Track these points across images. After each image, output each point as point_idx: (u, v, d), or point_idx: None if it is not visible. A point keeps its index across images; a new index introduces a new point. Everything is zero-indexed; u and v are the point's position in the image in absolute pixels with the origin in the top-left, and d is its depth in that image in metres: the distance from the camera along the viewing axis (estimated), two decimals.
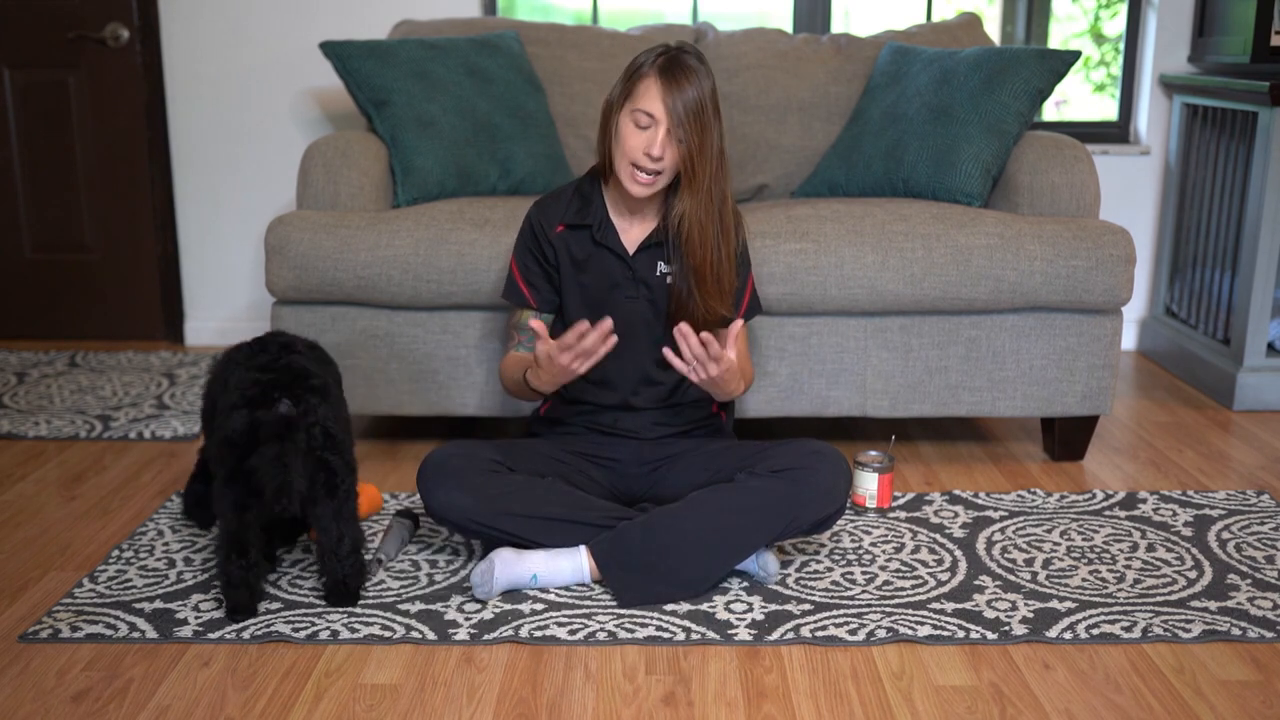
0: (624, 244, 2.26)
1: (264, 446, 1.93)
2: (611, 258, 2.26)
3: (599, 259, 2.27)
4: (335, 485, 2.02)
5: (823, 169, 3.11)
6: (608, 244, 2.26)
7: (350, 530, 2.06)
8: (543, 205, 2.32)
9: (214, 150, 3.84)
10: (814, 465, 2.15)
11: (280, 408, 1.95)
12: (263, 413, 1.95)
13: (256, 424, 1.94)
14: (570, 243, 2.28)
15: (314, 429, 1.99)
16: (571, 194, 2.31)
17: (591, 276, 2.28)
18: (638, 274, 2.26)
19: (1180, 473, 2.78)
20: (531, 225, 2.31)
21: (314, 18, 3.73)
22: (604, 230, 2.26)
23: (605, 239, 2.26)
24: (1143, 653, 1.96)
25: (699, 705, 1.81)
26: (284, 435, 1.94)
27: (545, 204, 2.32)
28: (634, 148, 2.11)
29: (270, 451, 1.93)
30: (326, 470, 2.01)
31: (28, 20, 3.71)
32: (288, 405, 1.96)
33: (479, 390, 2.75)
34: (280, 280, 2.67)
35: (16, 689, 1.85)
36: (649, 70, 2.11)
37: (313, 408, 1.99)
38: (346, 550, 2.06)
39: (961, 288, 2.63)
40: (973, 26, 3.37)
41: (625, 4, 4.04)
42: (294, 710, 1.79)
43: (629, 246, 2.26)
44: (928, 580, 2.20)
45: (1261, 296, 3.21)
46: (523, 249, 2.33)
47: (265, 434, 1.94)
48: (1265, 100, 3.11)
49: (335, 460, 2.01)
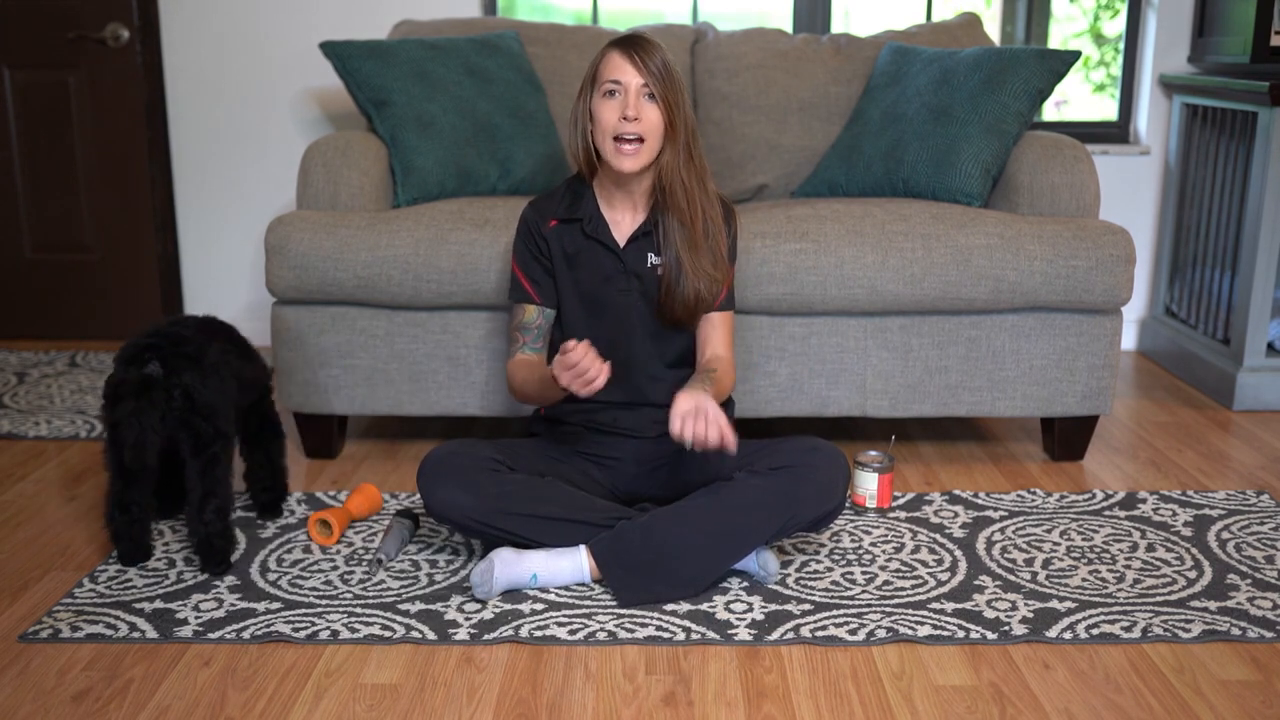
0: (614, 237, 2.27)
1: (123, 403, 2.05)
2: (603, 251, 2.27)
3: (590, 253, 2.28)
4: (200, 447, 2.13)
5: (823, 169, 3.12)
6: (598, 237, 2.27)
7: (219, 491, 2.16)
8: (536, 204, 2.34)
9: (214, 150, 3.84)
10: (812, 462, 2.15)
11: (148, 369, 2.08)
12: (132, 370, 2.08)
13: (121, 381, 2.08)
14: (563, 237, 2.30)
15: (174, 391, 2.09)
16: (563, 191, 2.33)
17: (584, 271, 2.29)
18: (629, 266, 2.27)
19: (1180, 473, 2.78)
20: (527, 224, 2.33)
21: (314, 18, 3.73)
22: (594, 223, 2.27)
23: (596, 232, 2.27)
24: (1143, 653, 1.96)
25: (699, 705, 1.81)
26: (140, 394, 2.06)
27: (538, 203, 2.34)
28: (609, 118, 2.15)
29: (127, 408, 2.05)
30: (190, 431, 2.12)
31: (28, 20, 3.71)
32: (155, 366, 2.08)
33: (479, 390, 2.75)
34: (280, 280, 2.67)
35: (16, 689, 1.85)
36: (607, 49, 2.18)
37: (177, 370, 2.09)
38: (211, 511, 2.15)
39: (961, 288, 2.63)
40: (973, 26, 3.37)
41: (625, 4, 4.04)
42: (294, 710, 1.80)
43: (619, 239, 2.27)
44: (928, 580, 2.20)
45: (1261, 296, 3.21)
46: (521, 248, 2.34)
47: (124, 391, 2.06)
48: (1265, 100, 3.11)
49: (200, 423, 2.12)
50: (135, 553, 2.23)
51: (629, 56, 2.15)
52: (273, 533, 2.41)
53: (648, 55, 2.15)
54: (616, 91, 2.15)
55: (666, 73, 2.15)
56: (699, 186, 2.22)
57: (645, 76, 2.13)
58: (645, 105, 2.14)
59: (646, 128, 2.14)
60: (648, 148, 2.16)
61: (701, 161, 2.24)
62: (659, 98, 2.14)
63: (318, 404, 2.77)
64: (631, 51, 2.15)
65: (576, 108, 2.23)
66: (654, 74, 2.14)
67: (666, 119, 2.16)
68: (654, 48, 2.16)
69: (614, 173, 2.21)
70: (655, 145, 2.17)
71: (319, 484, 2.70)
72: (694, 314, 2.27)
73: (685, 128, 2.18)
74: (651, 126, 2.15)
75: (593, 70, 2.20)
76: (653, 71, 2.14)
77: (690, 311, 2.25)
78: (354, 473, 2.78)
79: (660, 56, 2.16)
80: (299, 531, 2.41)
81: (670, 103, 2.15)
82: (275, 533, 2.41)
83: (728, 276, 2.32)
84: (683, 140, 2.18)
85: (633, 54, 2.15)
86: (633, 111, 2.12)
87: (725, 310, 2.33)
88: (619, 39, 2.19)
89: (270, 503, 2.47)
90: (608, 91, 2.15)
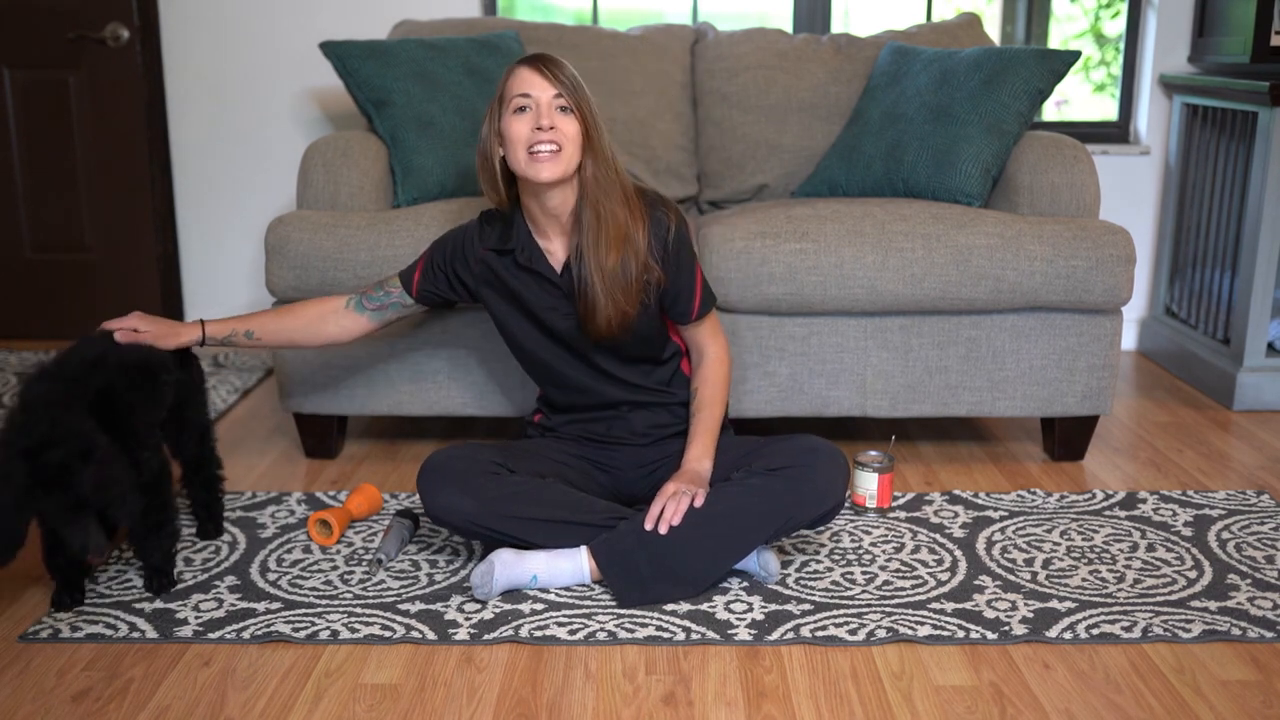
0: (551, 264, 2.22)
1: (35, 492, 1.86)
2: (541, 280, 2.22)
3: (530, 281, 2.22)
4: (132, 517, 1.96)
5: (823, 169, 3.12)
6: (534, 267, 2.21)
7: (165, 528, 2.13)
8: (482, 225, 2.27)
9: (214, 150, 3.84)
10: (811, 462, 2.14)
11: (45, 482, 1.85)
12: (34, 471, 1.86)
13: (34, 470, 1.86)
14: (497, 266, 2.24)
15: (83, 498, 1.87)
16: (481, 224, 2.27)
17: (525, 299, 2.23)
18: (567, 290, 2.21)
19: (1180, 473, 2.78)
20: (464, 239, 2.28)
21: (314, 18, 3.73)
22: (529, 253, 2.21)
23: (531, 262, 2.21)
24: (1143, 653, 1.96)
25: (699, 705, 1.81)
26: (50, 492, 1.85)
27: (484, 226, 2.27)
28: (522, 132, 2.08)
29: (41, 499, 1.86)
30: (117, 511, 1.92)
31: (28, 20, 3.71)
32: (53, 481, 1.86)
33: (479, 390, 2.75)
34: (280, 280, 2.67)
35: (16, 689, 1.85)
36: (513, 67, 2.13)
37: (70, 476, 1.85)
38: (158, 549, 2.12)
39: (961, 288, 2.63)
40: (973, 26, 3.37)
41: (625, 4, 4.04)
42: (294, 710, 1.80)
43: (556, 266, 2.21)
44: (928, 580, 2.20)
45: (1261, 296, 3.21)
46: (438, 251, 2.30)
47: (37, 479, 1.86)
48: (1265, 100, 3.11)
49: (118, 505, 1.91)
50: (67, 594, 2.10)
51: (538, 70, 2.09)
52: (273, 533, 2.41)
53: (557, 68, 2.10)
54: (528, 106, 2.09)
55: (577, 84, 2.11)
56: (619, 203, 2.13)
57: (558, 87, 2.08)
58: (560, 117, 2.08)
59: (563, 138, 2.08)
60: (566, 155, 2.08)
61: (619, 176, 2.15)
62: (573, 108, 2.09)
63: (318, 404, 2.77)
64: (540, 65, 2.10)
65: (483, 134, 2.16)
66: (565, 84, 2.09)
67: (583, 129, 2.10)
68: (562, 62, 2.12)
69: (535, 188, 2.13)
70: (573, 155, 2.10)
71: (319, 484, 2.70)
72: (621, 332, 2.18)
73: (602, 133, 2.12)
74: (568, 137, 2.09)
75: (500, 91, 2.13)
76: (564, 82, 2.09)
77: (615, 330, 2.17)
78: (354, 473, 2.78)
79: (569, 70, 2.11)
80: (299, 531, 2.41)
81: (585, 112, 2.10)
82: (275, 533, 2.41)
83: (695, 275, 2.23)
84: (602, 152, 2.12)
85: (541, 68, 2.09)
86: (547, 120, 2.07)
87: (706, 312, 2.27)
88: (524, 58, 2.13)
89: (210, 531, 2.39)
90: (518, 108, 2.09)
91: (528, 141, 2.08)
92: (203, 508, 2.36)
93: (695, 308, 2.25)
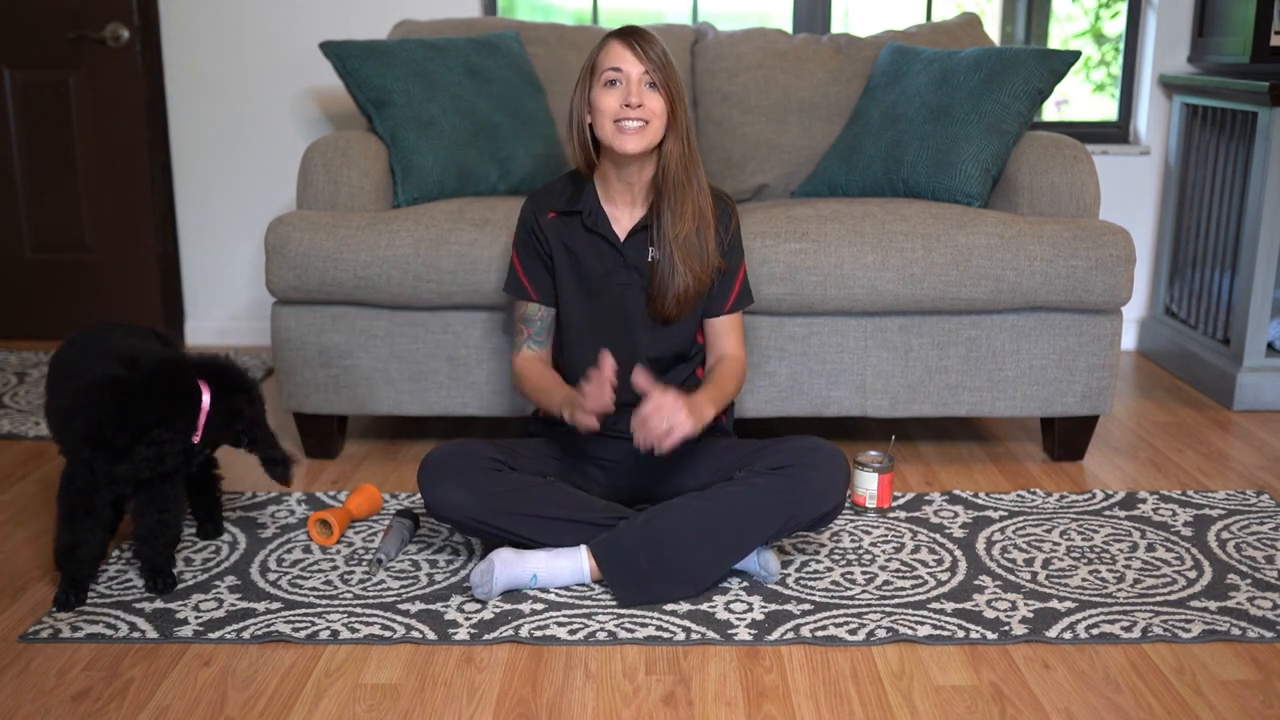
0: (615, 230, 2.28)
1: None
2: (603, 244, 2.28)
3: (591, 245, 2.28)
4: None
5: (823, 169, 3.12)
6: (599, 230, 2.27)
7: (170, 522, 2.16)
8: (535, 197, 2.34)
9: (214, 150, 3.84)
10: (812, 462, 2.15)
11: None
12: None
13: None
14: (561, 230, 2.30)
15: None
16: (563, 183, 2.34)
17: (584, 263, 2.29)
18: (629, 259, 2.27)
19: (1180, 473, 2.78)
20: (525, 219, 2.34)
21: (314, 18, 3.73)
22: (594, 217, 2.27)
23: (596, 225, 2.27)
24: (1143, 653, 1.96)
25: (699, 705, 1.81)
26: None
27: (537, 195, 2.34)
28: (611, 105, 2.15)
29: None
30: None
31: (28, 20, 3.71)
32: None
33: (479, 390, 2.75)
34: (280, 280, 2.67)
35: (16, 689, 1.85)
36: (606, 39, 2.19)
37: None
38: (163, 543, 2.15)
39: (961, 288, 2.63)
40: (972, 26, 3.37)
41: (625, 4, 4.04)
42: (294, 710, 1.80)
43: (620, 233, 2.28)
44: (928, 580, 2.20)
45: (1261, 296, 3.21)
46: (522, 242, 2.35)
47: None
48: (1265, 100, 3.11)
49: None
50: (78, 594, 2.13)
51: (630, 46, 2.15)
52: (273, 533, 2.41)
53: (649, 44, 2.16)
54: (618, 80, 2.15)
55: (667, 62, 2.17)
56: (695, 180, 2.23)
57: (647, 65, 2.14)
58: (648, 93, 2.15)
59: (650, 114, 2.15)
60: (651, 129, 2.16)
61: (696, 155, 2.24)
62: (661, 86, 2.15)
63: (318, 404, 2.77)
64: (632, 41, 2.15)
65: (573, 101, 2.22)
66: (655, 63, 2.15)
67: (669, 107, 2.16)
68: (654, 38, 2.17)
69: (616, 157, 2.20)
70: (658, 130, 2.17)
71: (319, 484, 2.70)
72: (684, 308, 2.26)
73: (686, 115, 2.20)
74: (654, 113, 2.15)
75: (591, 61, 2.20)
76: (654, 60, 2.15)
77: (680, 306, 2.25)
78: (354, 473, 2.78)
79: (660, 47, 2.17)
80: (299, 531, 2.41)
81: (672, 91, 2.16)
82: (275, 533, 2.41)
83: (739, 272, 2.32)
84: (683, 130, 2.19)
85: (633, 43, 2.15)
86: (636, 99, 2.13)
87: (739, 309, 2.34)
88: (617, 30, 2.19)
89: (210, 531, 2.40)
90: (609, 81, 2.16)
91: (615, 114, 2.14)
92: (202, 508, 2.37)
93: (731, 299, 2.31)
